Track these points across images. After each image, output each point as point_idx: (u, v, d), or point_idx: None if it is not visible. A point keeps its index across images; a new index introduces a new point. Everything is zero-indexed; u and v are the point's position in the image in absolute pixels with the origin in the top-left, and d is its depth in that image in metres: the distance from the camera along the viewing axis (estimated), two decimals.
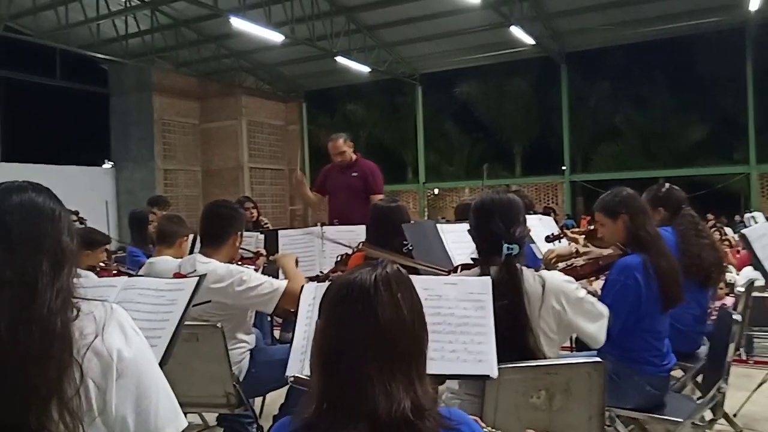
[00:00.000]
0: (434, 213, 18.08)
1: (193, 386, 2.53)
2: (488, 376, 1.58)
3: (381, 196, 4.63)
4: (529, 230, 2.00)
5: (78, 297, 1.22)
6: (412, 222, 2.99)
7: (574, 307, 1.87)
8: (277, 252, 3.73)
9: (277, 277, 3.35)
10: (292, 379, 1.75)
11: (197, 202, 16.43)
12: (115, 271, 3.32)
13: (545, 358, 1.81)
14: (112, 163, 16.03)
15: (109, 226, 12.61)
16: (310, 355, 1.14)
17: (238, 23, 11.64)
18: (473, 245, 2.04)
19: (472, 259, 2.02)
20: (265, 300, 2.59)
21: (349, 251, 3.16)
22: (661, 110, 20.04)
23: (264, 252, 3.36)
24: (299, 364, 1.72)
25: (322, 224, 3.78)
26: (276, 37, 12.41)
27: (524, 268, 1.87)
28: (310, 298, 1.84)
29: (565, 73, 16.07)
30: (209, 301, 2.43)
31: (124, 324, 1.23)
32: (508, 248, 1.83)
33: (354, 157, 4.91)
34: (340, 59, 14.09)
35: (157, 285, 1.91)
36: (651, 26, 13.56)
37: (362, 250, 2.98)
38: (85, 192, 13.17)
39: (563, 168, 16.30)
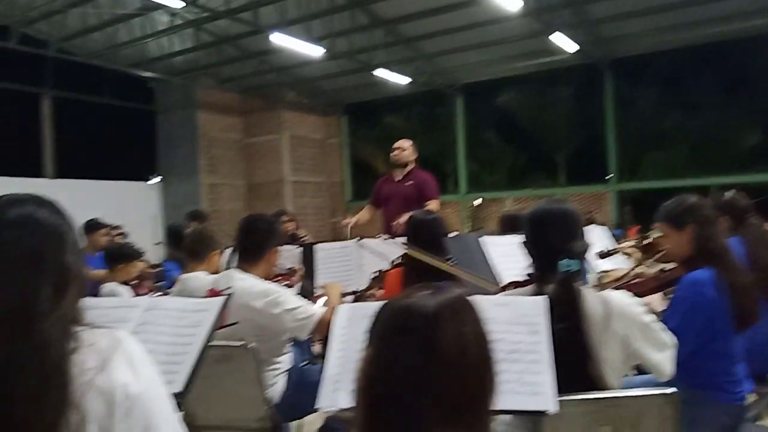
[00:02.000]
0: (476, 224, 17.78)
1: (226, 409, 2.42)
2: (545, 411, 1.39)
3: (434, 203, 4.62)
4: (589, 245, 1.79)
5: (81, 325, 1.09)
6: (454, 234, 2.83)
7: (641, 333, 1.66)
8: (312, 266, 3.62)
9: (311, 297, 3.23)
10: (327, 413, 1.59)
11: (241, 215, 16.45)
12: (148, 288, 3.26)
13: (609, 388, 1.60)
14: (159, 178, 16.34)
15: (155, 239, 12.78)
16: (355, 390, 0.96)
17: (278, 39, 11.72)
18: (521, 260, 1.86)
19: (527, 275, 1.83)
20: (299, 325, 2.48)
21: (386, 266, 3.02)
22: (712, 115, 19.25)
23: (298, 268, 3.24)
24: (332, 395, 1.56)
25: (360, 238, 3.66)
26: (315, 51, 12.45)
27: (584, 287, 1.67)
28: (344, 320, 1.69)
29: (609, 79, 15.66)
30: (236, 323, 2.30)
31: (132, 356, 1.08)
32: (566, 265, 1.63)
33: (411, 162, 4.90)
34: (379, 72, 14.04)
35: (181, 305, 1.79)
36: (700, 29, 13.06)
37: (399, 266, 2.83)
38: (133, 207, 13.43)
39: (608, 177, 15.82)
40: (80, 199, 12.47)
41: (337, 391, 1.54)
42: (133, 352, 1.09)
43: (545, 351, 1.44)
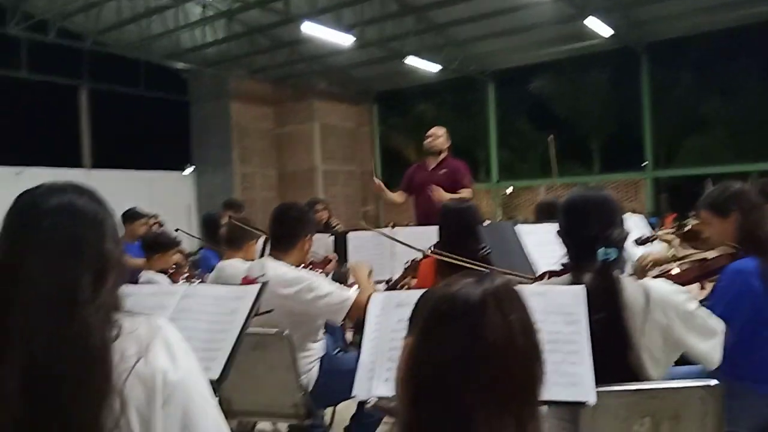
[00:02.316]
0: (508, 212, 17.63)
1: (261, 396, 2.45)
2: (584, 402, 1.37)
3: (467, 191, 4.58)
4: (628, 232, 1.75)
5: (122, 312, 1.10)
6: (488, 223, 2.79)
7: (685, 322, 1.62)
8: (346, 254, 3.63)
9: (345, 283, 3.24)
10: (368, 402, 1.57)
11: (274, 204, 16.64)
12: (186, 274, 3.32)
13: (650, 380, 1.57)
14: (193, 167, 16.59)
15: (191, 228, 13.01)
16: (397, 379, 0.96)
17: (308, 28, 11.73)
18: (558, 249, 1.82)
19: (562, 265, 1.80)
20: (333, 310, 2.48)
21: (419, 255, 3.00)
22: (751, 99, 18.60)
23: (333, 257, 3.26)
24: (367, 384, 1.56)
25: (393, 225, 3.65)
26: (346, 40, 12.43)
27: (623, 276, 1.63)
28: (378, 309, 1.68)
29: (645, 63, 15.26)
30: (272, 311, 2.32)
31: (171, 343, 1.09)
32: (604, 253, 1.59)
33: (444, 149, 4.86)
34: (409, 59, 13.95)
35: (218, 293, 1.81)
36: (738, 11, 12.62)
37: (433, 253, 2.80)
38: (168, 196, 13.67)
39: (643, 164, 15.47)
40: (116, 189, 12.76)
41: (372, 380, 1.54)
42: (171, 339, 1.11)
43: (584, 341, 1.41)
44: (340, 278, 3.34)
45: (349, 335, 4.60)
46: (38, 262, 1.04)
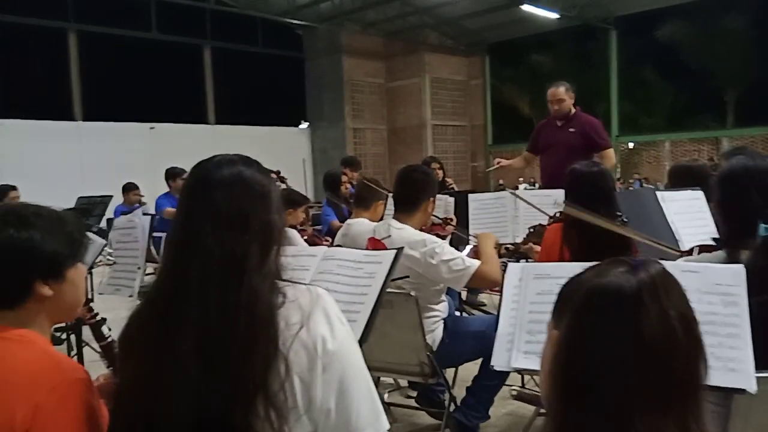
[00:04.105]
0: (628, 169, 16.68)
1: (388, 353, 2.53)
2: (744, 390, 1.29)
3: (610, 152, 4.28)
4: None
5: (284, 280, 1.15)
6: (625, 189, 2.64)
7: None
8: (467, 216, 3.61)
9: (465, 245, 3.24)
10: (515, 390, 1.56)
11: (383, 159, 16.95)
12: (310, 233, 3.45)
13: None
14: (308, 123, 17.08)
15: (306, 183, 13.48)
16: (545, 372, 0.91)
17: None
18: (704, 220, 1.70)
19: (714, 240, 1.68)
20: (455, 276, 2.48)
21: (545, 221, 2.91)
22: None
23: (454, 218, 3.24)
24: (506, 354, 1.56)
25: (500, 183, 3.56)
26: None
27: None
28: (516, 279, 1.66)
29: None
30: (407, 277, 2.37)
31: (329, 312, 1.13)
32: (766, 229, 1.46)
33: (573, 110, 4.50)
34: (526, 7, 13.34)
35: (356, 257, 1.87)
36: None
37: (560, 220, 2.70)
38: (284, 151, 14.19)
39: None
40: (237, 145, 13.41)
41: (511, 351, 1.55)
42: (330, 309, 1.15)
43: (744, 324, 1.32)
44: (460, 240, 3.33)
45: (463, 294, 4.62)
46: (211, 230, 1.10)
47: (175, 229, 1.17)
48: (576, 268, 0.96)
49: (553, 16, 13.96)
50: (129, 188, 7.12)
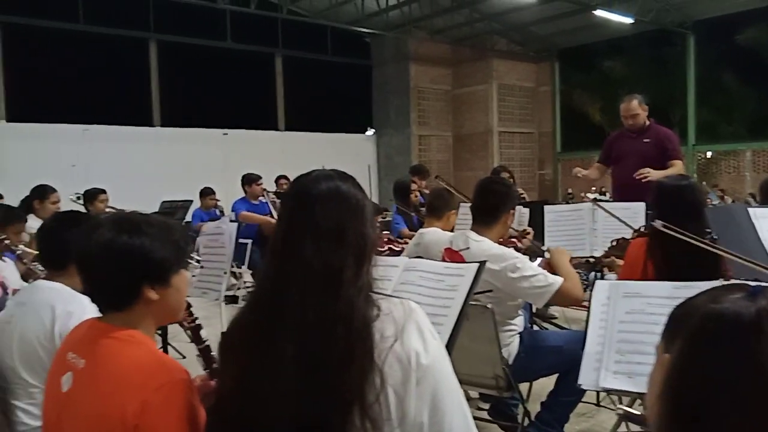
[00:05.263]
0: (706, 180, 15.94)
1: (463, 365, 2.51)
2: None
3: (680, 163, 4.17)
4: None
5: (378, 293, 1.17)
6: (715, 205, 2.53)
7: None
8: (542, 227, 3.55)
9: (541, 257, 3.19)
10: (621, 410, 1.49)
11: (448, 166, 16.90)
12: (386, 239, 3.49)
13: None
14: (374, 130, 17.25)
15: (371, 189, 13.62)
16: (651, 395, 0.89)
17: None
18: None
19: None
20: (537, 293, 2.44)
21: (627, 234, 2.83)
22: None
23: (531, 231, 3.20)
24: (594, 374, 1.53)
25: (595, 200, 3.47)
26: None
27: None
28: (604, 297, 1.63)
29: None
30: (491, 291, 2.36)
31: (422, 326, 1.15)
32: None
33: (647, 122, 4.45)
34: (599, 12, 13.01)
35: (437, 269, 1.88)
36: None
37: (644, 234, 2.62)
38: (350, 158, 14.37)
39: None
40: (305, 150, 13.76)
41: (599, 370, 1.52)
42: (422, 323, 1.16)
43: None
44: (535, 252, 3.29)
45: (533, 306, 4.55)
46: (310, 242, 1.14)
47: (276, 241, 1.22)
48: (666, 287, 0.95)
49: (628, 21, 13.56)
50: (206, 193, 7.37)
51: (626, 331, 1.51)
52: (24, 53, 12.38)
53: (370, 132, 17.29)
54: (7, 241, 2.88)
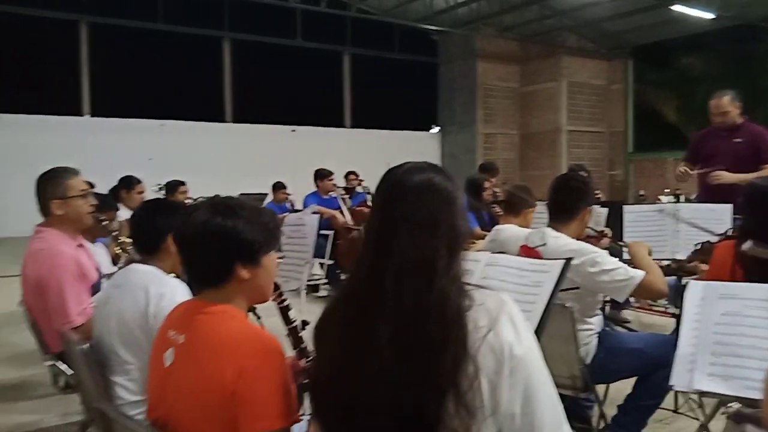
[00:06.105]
0: None
1: None
2: None
3: None
4: None
5: (469, 284, 1.19)
6: None
7: None
8: (621, 229, 3.46)
9: (620, 259, 3.09)
10: (731, 406, 1.44)
11: (513, 165, 16.67)
12: None
13: None
14: (439, 127, 17.20)
15: None
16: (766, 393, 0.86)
17: None
18: None
19: None
20: (618, 287, 2.37)
21: (713, 238, 2.72)
22: None
23: (609, 231, 3.12)
24: (687, 375, 1.49)
25: (641, 193, 3.34)
26: None
27: None
28: (698, 298, 1.58)
29: None
30: (578, 288, 2.32)
31: (515, 318, 1.15)
32: None
33: (740, 120, 4.17)
34: (677, 7, 12.49)
35: (520, 264, 1.87)
36: None
37: (731, 237, 2.51)
38: (415, 155, 14.04)
39: None
40: (372, 147, 13.89)
41: (693, 372, 1.48)
42: (515, 314, 1.17)
43: None
44: (614, 254, 3.20)
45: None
46: (405, 233, 1.16)
47: (371, 231, 1.25)
48: (766, 290, 0.91)
49: (708, 16, 12.96)
50: (278, 187, 7.57)
51: (722, 333, 1.46)
52: (107, 52, 13.06)
53: (435, 129, 17.25)
54: (106, 223, 3.06)
